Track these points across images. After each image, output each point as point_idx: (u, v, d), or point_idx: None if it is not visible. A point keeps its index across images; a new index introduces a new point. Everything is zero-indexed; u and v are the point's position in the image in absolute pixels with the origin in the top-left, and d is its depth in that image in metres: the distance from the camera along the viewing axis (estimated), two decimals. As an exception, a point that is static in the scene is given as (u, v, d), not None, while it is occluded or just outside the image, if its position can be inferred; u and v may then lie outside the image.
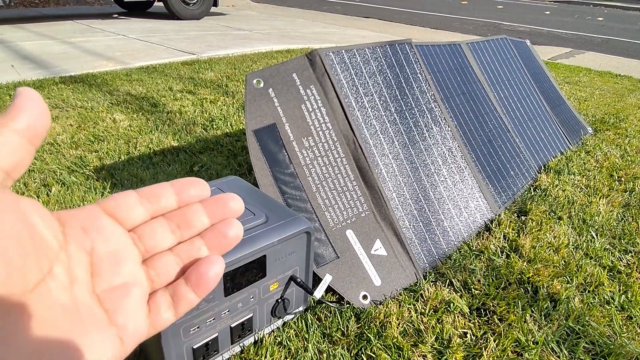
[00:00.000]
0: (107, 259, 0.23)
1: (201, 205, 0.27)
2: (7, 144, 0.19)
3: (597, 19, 7.59)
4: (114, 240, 0.24)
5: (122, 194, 0.25)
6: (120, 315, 0.23)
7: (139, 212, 0.25)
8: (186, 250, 0.26)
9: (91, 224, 0.23)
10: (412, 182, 1.06)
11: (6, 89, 1.99)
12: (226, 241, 0.27)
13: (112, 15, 4.68)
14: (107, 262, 0.23)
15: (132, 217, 0.25)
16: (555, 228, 1.14)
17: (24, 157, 0.19)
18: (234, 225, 0.27)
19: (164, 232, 0.26)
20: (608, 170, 1.51)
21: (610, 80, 2.96)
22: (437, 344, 0.77)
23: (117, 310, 0.23)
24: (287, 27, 4.61)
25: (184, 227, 0.26)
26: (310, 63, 0.99)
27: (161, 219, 0.26)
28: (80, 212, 0.23)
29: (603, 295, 0.92)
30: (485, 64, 1.50)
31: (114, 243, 0.24)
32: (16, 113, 0.20)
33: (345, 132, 0.99)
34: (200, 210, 0.27)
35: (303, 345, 0.74)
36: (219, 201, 0.27)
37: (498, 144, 1.34)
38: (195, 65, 2.65)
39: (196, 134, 1.62)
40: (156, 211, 0.26)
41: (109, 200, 0.24)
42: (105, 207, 0.24)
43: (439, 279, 0.94)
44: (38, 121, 0.20)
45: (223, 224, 0.27)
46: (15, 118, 0.19)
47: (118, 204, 0.24)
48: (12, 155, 0.19)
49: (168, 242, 0.26)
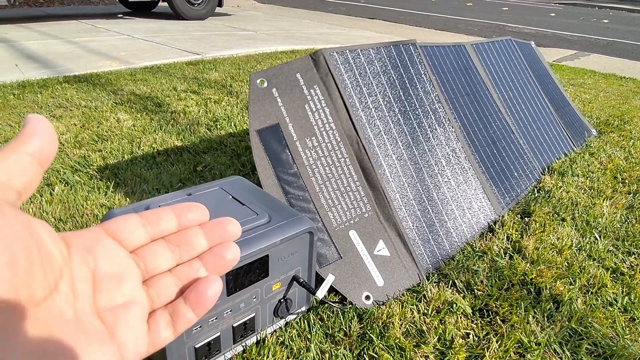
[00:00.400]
0: (109, 278, 0.24)
1: (200, 228, 0.28)
2: (19, 166, 0.20)
3: (603, 21, 7.56)
4: (116, 260, 0.25)
5: (124, 217, 0.26)
6: (121, 332, 0.23)
7: (140, 234, 0.26)
8: (185, 271, 0.27)
9: (94, 244, 0.24)
10: (416, 183, 1.06)
11: (10, 87, 2.00)
12: (224, 263, 0.28)
13: (116, 15, 4.70)
14: (109, 281, 0.24)
15: (134, 239, 0.26)
16: (559, 229, 1.13)
17: (33, 179, 0.21)
18: (231, 248, 0.28)
19: (164, 253, 0.27)
20: (612, 172, 1.50)
21: (615, 83, 2.95)
22: (439, 345, 0.77)
23: (118, 327, 0.23)
24: (292, 28, 4.62)
25: (183, 249, 0.27)
26: (314, 63, 0.99)
27: (161, 241, 0.27)
28: (84, 233, 0.24)
29: (606, 297, 0.92)
30: (490, 65, 1.50)
31: (116, 263, 0.25)
32: (27, 138, 0.21)
33: (349, 132, 0.99)
34: (199, 233, 0.28)
35: (305, 345, 0.74)
36: (218, 225, 0.28)
37: (502, 145, 1.34)
38: (200, 65, 2.66)
39: (200, 134, 1.63)
40: (156, 233, 0.27)
41: (111, 222, 0.26)
42: (108, 229, 0.25)
43: (442, 279, 0.94)
44: (47, 145, 0.22)
45: (221, 246, 0.28)
46: (26, 142, 0.21)
47: (120, 226, 0.26)
48: (24, 176, 0.20)
49: (168, 263, 0.27)
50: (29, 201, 1.11)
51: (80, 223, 1.05)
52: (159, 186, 1.22)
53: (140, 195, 1.17)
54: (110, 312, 0.24)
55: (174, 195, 0.75)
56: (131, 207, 0.71)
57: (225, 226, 0.28)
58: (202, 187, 0.78)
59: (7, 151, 0.21)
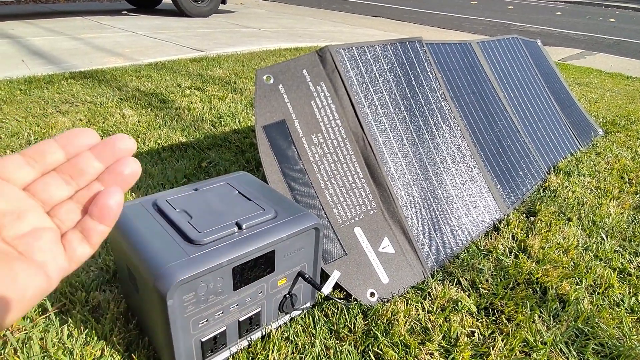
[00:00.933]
0: (8, 214, 0.25)
1: (90, 152, 0.28)
2: None
3: (609, 20, 7.52)
4: (10, 197, 0.26)
5: (6, 158, 0.26)
6: (38, 255, 0.25)
7: (28, 172, 0.27)
8: (84, 195, 0.28)
9: None
10: (421, 181, 1.05)
11: (17, 83, 2.00)
12: (123, 178, 0.28)
13: (121, 11, 4.70)
14: (10, 216, 0.25)
15: (22, 176, 0.26)
16: (565, 229, 1.13)
17: None
18: (129, 162, 0.28)
19: (58, 184, 0.27)
20: (619, 172, 1.49)
21: (621, 82, 2.93)
22: (444, 343, 0.77)
23: (33, 251, 0.25)
24: (296, 26, 4.61)
25: (77, 176, 0.28)
26: (320, 59, 0.99)
27: (53, 173, 0.28)
28: None
29: (613, 297, 0.91)
30: (496, 63, 1.49)
31: (12, 199, 0.26)
32: None
33: (355, 129, 0.99)
34: (90, 156, 0.28)
35: (310, 341, 0.74)
36: (107, 144, 0.28)
37: (507, 144, 1.33)
38: (204, 62, 2.66)
39: (204, 130, 1.63)
40: (45, 168, 0.27)
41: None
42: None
43: (447, 277, 0.94)
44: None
45: (117, 163, 0.28)
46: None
47: (3, 166, 0.26)
48: None
49: (65, 192, 0.28)
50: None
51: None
52: (164, 181, 1.22)
53: (145, 191, 1.17)
54: (21, 240, 0.25)
55: (180, 190, 0.75)
56: (137, 201, 0.71)
57: (115, 143, 0.28)
58: (208, 182, 0.78)
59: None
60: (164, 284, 0.54)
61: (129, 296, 0.74)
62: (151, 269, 0.56)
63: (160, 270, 0.55)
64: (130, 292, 0.70)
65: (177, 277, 0.54)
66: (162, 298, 0.54)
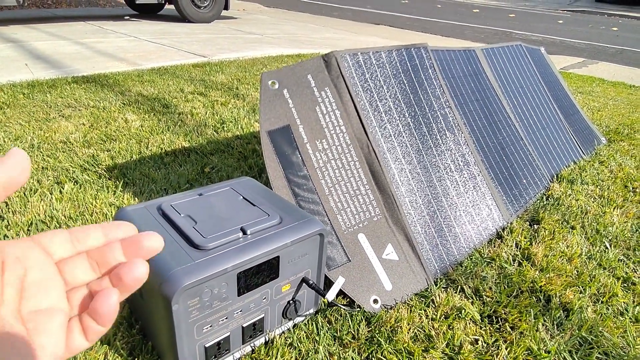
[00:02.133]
0: (36, 285, 0.26)
1: (120, 242, 0.29)
2: None
3: (612, 29, 7.55)
4: (44, 270, 0.27)
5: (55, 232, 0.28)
6: (42, 336, 0.25)
7: (67, 249, 0.28)
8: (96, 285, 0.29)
9: (25, 253, 0.26)
10: (425, 188, 1.05)
11: (20, 87, 2.01)
12: (122, 284, 0.28)
13: (123, 17, 4.73)
14: (37, 288, 0.26)
15: (61, 252, 0.28)
16: (568, 237, 1.12)
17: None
18: (134, 268, 0.28)
19: (85, 268, 0.28)
20: (622, 181, 1.49)
21: (624, 91, 2.94)
22: (448, 350, 0.76)
23: (39, 331, 0.25)
24: (298, 32, 4.63)
25: (101, 265, 0.29)
26: (325, 65, 0.99)
27: (83, 255, 0.29)
28: (17, 242, 0.26)
29: (617, 306, 0.91)
30: (500, 70, 1.49)
31: (44, 272, 0.27)
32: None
33: (359, 135, 0.99)
34: (118, 248, 0.29)
35: (313, 347, 0.73)
36: (135, 241, 0.29)
37: (511, 152, 1.33)
38: (206, 67, 2.66)
39: (207, 135, 1.63)
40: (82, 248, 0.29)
41: (42, 236, 0.28)
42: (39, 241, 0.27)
43: (450, 285, 0.93)
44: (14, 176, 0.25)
45: (124, 265, 0.28)
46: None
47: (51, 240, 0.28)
48: None
49: (87, 277, 0.29)
50: (39, 198, 1.11)
51: (90, 221, 1.05)
52: (167, 186, 1.22)
53: (148, 195, 1.17)
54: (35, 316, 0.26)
55: (185, 194, 0.75)
56: (142, 205, 0.71)
57: (142, 242, 0.29)
58: (212, 187, 0.78)
59: None
60: (169, 289, 0.54)
61: (132, 301, 0.74)
62: (156, 274, 0.56)
63: (165, 275, 0.55)
64: (134, 297, 0.70)
65: (182, 282, 0.54)
66: (167, 303, 0.54)
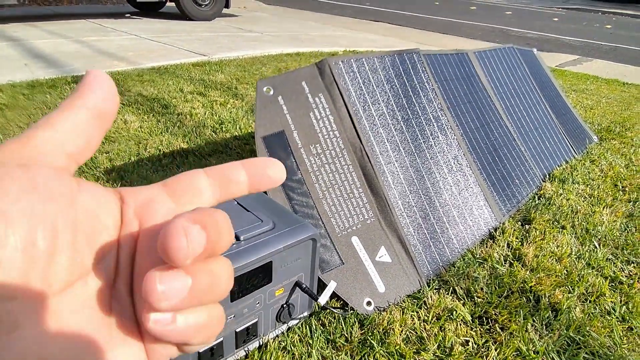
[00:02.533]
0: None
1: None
2: (74, 125, 0.18)
3: (606, 26, 7.55)
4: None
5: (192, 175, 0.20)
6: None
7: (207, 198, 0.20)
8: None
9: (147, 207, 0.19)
10: (418, 190, 1.07)
11: (20, 87, 2.02)
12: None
13: (124, 14, 4.73)
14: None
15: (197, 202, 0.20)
16: (559, 237, 1.15)
17: (90, 140, 0.18)
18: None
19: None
20: (612, 179, 1.51)
21: (617, 89, 2.95)
22: (439, 352, 0.79)
23: None
24: (298, 30, 4.64)
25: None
26: (319, 72, 1.01)
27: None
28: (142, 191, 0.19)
29: (604, 306, 0.93)
30: (492, 72, 1.51)
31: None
32: (84, 92, 0.18)
33: (353, 139, 1.01)
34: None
35: (307, 351, 0.76)
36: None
37: (503, 152, 1.35)
38: (206, 66, 2.68)
39: (206, 136, 1.65)
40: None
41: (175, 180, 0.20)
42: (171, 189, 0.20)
43: (443, 286, 0.96)
44: (107, 101, 0.19)
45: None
46: (84, 97, 0.18)
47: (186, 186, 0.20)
48: (79, 137, 0.18)
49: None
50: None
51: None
52: (165, 189, 1.24)
53: (146, 198, 1.19)
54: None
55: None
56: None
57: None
58: (208, 193, 0.80)
59: (63, 108, 0.18)
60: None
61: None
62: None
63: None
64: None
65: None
66: (164, 309, 0.56)
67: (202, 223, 0.16)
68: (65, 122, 0.18)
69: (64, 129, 0.17)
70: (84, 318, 0.17)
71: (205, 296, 0.17)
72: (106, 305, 0.18)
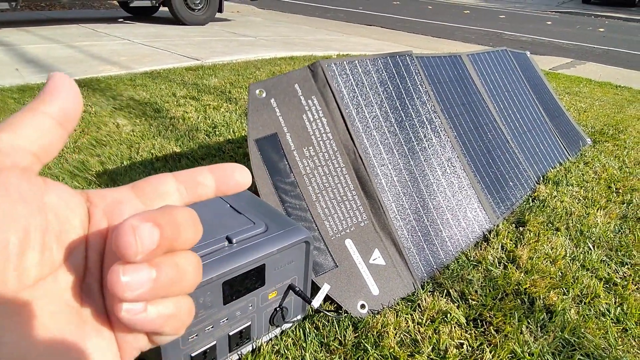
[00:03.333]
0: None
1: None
2: (38, 127, 0.18)
3: (598, 29, 7.62)
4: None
5: (159, 178, 0.21)
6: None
7: (174, 200, 0.21)
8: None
9: (118, 208, 0.20)
10: (411, 192, 1.07)
11: (10, 92, 2.01)
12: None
13: (117, 19, 4.72)
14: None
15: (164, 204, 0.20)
16: (553, 239, 1.14)
17: (53, 141, 0.19)
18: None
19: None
20: (606, 181, 1.51)
21: (610, 91, 2.97)
22: (433, 355, 0.78)
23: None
24: (292, 34, 4.64)
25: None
26: (312, 74, 1.01)
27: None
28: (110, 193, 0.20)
29: (599, 307, 0.93)
30: (486, 75, 1.52)
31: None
32: (48, 97, 0.19)
33: (346, 142, 1.00)
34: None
35: (300, 354, 0.75)
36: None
37: (497, 155, 1.35)
38: (199, 71, 2.67)
39: (199, 140, 1.64)
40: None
41: (144, 182, 0.21)
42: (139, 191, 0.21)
43: (437, 289, 0.95)
44: (70, 105, 0.19)
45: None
46: (46, 102, 0.19)
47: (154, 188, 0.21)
48: (42, 138, 0.18)
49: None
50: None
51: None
52: (157, 193, 1.23)
53: (138, 202, 1.18)
54: None
55: (172, 204, 0.76)
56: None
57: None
58: (200, 196, 0.79)
59: (25, 112, 0.18)
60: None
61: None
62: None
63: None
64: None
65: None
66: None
67: (155, 221, 0.16)
68: (28, 126, 0.18)
69: (26, 133, 0.18)
70: (57, 310, 0.17)
71: (172, 288, 0.17)
72: (77, 298, 0.18)
